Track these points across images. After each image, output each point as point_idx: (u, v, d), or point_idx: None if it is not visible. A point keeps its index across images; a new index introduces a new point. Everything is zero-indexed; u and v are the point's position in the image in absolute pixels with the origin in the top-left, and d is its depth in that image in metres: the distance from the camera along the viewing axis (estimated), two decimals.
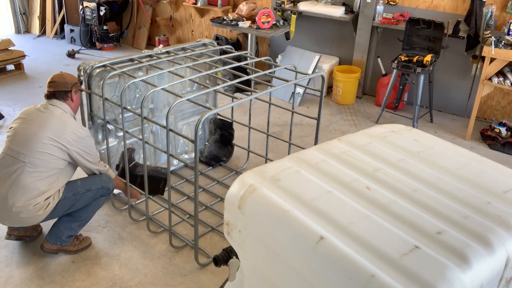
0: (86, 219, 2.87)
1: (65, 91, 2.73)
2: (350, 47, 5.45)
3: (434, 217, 1.36)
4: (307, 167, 1.60)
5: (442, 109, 5.20)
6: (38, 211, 2.56)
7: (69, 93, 2.75)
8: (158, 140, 3.63)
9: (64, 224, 2.79)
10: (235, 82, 2.89)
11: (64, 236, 2.81)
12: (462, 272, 1.16)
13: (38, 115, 2.65)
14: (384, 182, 1.53)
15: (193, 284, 2.70)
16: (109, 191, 2.85)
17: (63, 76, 2.78)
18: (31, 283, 2.68)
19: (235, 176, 3.77)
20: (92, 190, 2.76)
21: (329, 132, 4.66)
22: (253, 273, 1.55)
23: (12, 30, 7.54)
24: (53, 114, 2.65)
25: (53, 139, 2.57)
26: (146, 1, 6.82)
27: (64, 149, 2.60)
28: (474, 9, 4.43)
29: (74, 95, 2.78)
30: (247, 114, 3.91)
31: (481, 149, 4.44)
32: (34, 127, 2.60)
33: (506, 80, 4.20)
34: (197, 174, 2.59)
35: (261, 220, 1.42)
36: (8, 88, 5.40)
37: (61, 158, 2.61)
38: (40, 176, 2.55)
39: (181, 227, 3.16)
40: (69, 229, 2.80)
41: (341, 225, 1.30)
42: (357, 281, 1.15)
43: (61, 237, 2.80)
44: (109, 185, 2.84)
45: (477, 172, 1.61)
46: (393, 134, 1.86)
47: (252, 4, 5.28)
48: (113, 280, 2.71)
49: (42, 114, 2.65)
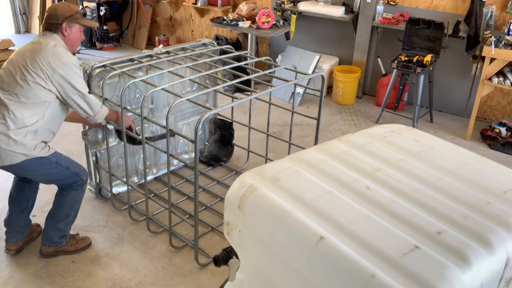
0: (68, 216, 2.80)
1: (56, 24, 2.57)
2: (350, 47, 5.45)
3: (434, 217, 1.36)
4: (307, 167, 1.60)
5: (442, 109, 5.20)
6: (16, 145, 2.45)
7: (59, 26, 2.57)
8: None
9: (50, 226, 2.78)
10: (235, 82, 2.89)
11: (55, 237, 2.80)
12: (462, 272, 1.16)
13: (29, 46, 2.55)
14: (384, 182, 1.53)
15: (193, 284, 2.70)
16: (83, 182, 2.76)
17: (55, 8, 2.61)
18: (31, 283, 2.68)
19: (235, 176, 3.77)
20: (70, 171, 2.67)
21: (329, 132, 4.66)
22: (253, 273, 1.55)
23: (12, 30, 7.54)
24: (42, 45, 2.52)
25: (38, 65, 2.44)
26: (146, 1, 6.82)
27: (48, 75, 2.45)
28: (474, 9, 4.43)
29: (67, 29, 2.59)
30: (247, 114, 3.91)
31: (481, 149, 4.44)
32: (22, 56, 2.49)
33: (506, 80, 4.21)
34: (197, 174, 2.59)
35: (261, 220, 1.42)
36: None
37: (45, 89, 2.47)
38: (24, 106, 2.45)
39: (181, 227, 3.16)
40: (56, 230, 2.79)
41: (341, 225, 1.30)
42: (357, 281, 1.15)
43: (53, 239, 2.80)
44: (83, 177, 2.75)
45: (477, 172, 1.61)
46: (393, 134, 1.86)
47: (252, 4, 5.29)
48: (113, 280, 2.71)
49: (33, 45, 2.55)
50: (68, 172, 2.68)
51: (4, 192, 3.48)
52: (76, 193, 2.77)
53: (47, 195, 3.46)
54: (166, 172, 3.60)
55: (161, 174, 3.73)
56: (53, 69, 2.46)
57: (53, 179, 2.72)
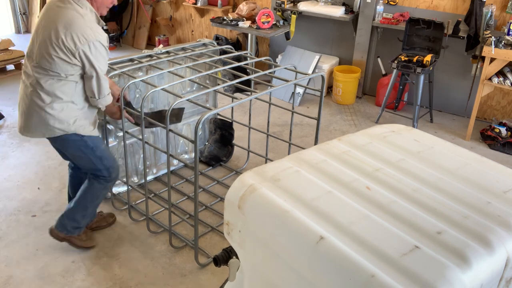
0: (86, 209, 2.80)
1: None
2: (350, 47, 5.45)
3: (434, 217, 1.36)
4: (307, 167, 1.60)
5: (442, 109, 5.20)
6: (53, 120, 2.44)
7: None
8: (158, 140, 3.63)
9: (68, 214, 2.78)
10: (235, 82, 2.89)
11: (69, 226, 2.80)
12: (462, 272, 1.16)
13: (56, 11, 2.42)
14: (384, 182, 1.53)
15: (193, 284, 2.70)
16: (110, 179, 2.75)
17: None
18: (31, 283, 2.68)
19: (235, 176, 3.77)
20: (101, 163, 2.66)
21: (329, 132, 4.66)
22: (253, 273, 1.55)
23: (12, 30, 7.53)
24: (68, 12, 2.40)
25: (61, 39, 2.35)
26: (146, 1, 6.82)
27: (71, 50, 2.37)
28: (474, 9, 4.43)
29: None
30: (247, 114, 3.91)
31: (481, 149, 4.44)
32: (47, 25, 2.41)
33: (506, 80, 4.20)
34: (197, 174, 2.59)
35: (261, 220, 1.42)
36: (8, 88, 5.40)
37: (70, 63, 2.40)
38: (54, 80, 2.41)
39: (181, 227, 3.16)
40: (72, 220, 2.79)
41: (341, 225, 1.30)
42: (357, 281, 1.15)
43: (67, 227, 2.80)
44: (112, 174, 2.74)
45: (477, 172, 1.61)
46: (393, 134, 1.86)
47: (252, 4, 5.28)
48: (113, 280, 2.71)
49: (60, 11, 2.42)
50: (99, 163, 2.67)
51: (4, 192, 3.49)
52: (100, 187, 2.76)
53: (47, 195, 3.46)
54: (166, 172, 3.60)
55: (161, 174, 3.73)
56: (76, 46, 2.37)
57: (81, 163, 2.71)
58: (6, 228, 3.10)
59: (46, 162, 3.89)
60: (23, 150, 4.07)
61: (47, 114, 2.45)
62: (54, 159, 3.91)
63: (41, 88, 2.43)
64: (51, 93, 2.44)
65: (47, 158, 3.94)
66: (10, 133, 4.37)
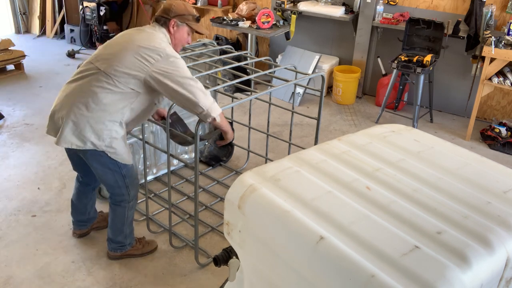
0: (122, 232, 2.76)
1: (165, 18, 2.49)
2: (350, 47, 5.45)
3: (434, 217, 1.36)
4: (307, 167, 1.60)
5: (442, 109, 5.20)
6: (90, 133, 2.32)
7: (168, 21, 2.49)
8: (158, 140, 3.63)
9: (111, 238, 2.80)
10: (235, 82, 2.89)
11: (117, 248, 2.82)
12: (462, 272, 1.16)
13: (134, 32, 2.47)
14: (384, 182, 1.53)
15: (193, 284, 2.70)
16: (129, 198, 2.65)
17: (171, 3, 2.52)
18: (31, 283, 2.68)
19: (235, 176, 3.77)
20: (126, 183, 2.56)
21: (329, 132, 4.66)
22: (253, 273, 1.55)
23: (12, 30, 7.54)
24: (146, 32, 2.43)
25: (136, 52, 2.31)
26: (146, 1, 6.82)
27: (144, 66, 2.30)
28: (474, 9, 4.43)
29: (175, 26, 2.50)
30: (247, 114, 3.91)
31: (481, 149, 4.44)
32: (123, 40, 2.41)
33: (506, 80, 4.21)
34: (197, 174, 2.59)
35: (261, 220, 1.42)
36: (8, 88, 5.40)
37: (136, 78, 2.32)
38: (109, 89, 2.31)
39: (181, 227, 3.16)
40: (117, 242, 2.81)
41: (341, 225, 1.30)
42: (357, 281, 1.15)
43: (116, 249, 2.83)
44: (130, 192, 2.62)
45: (477, 172, 1.61)
46: (393, 134, 1.86)
47: (252, 4, 5.29)
48: (113, 280, 2.71)
49: (138, 32, 2.46)
50: (121, 181, 2.55)
51: (4, 192, 3.49)
52: (124, 210, 2.68)
53: (47, 195, 3.46)
54: (166, 172, 3.60)
55: (161, 174, 3.73)
56: (150, 62, 2.31)
57: (105, 183, 2.60)
58: (6, 228, 3.10)
59: (46, 162, 3.89)
60: (23, 150, 4.07)
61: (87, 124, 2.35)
62: (54, 159, 3.91)
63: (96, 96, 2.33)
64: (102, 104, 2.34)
65: (47, 158, 3.94)
66: (10, 133, 4.37)
